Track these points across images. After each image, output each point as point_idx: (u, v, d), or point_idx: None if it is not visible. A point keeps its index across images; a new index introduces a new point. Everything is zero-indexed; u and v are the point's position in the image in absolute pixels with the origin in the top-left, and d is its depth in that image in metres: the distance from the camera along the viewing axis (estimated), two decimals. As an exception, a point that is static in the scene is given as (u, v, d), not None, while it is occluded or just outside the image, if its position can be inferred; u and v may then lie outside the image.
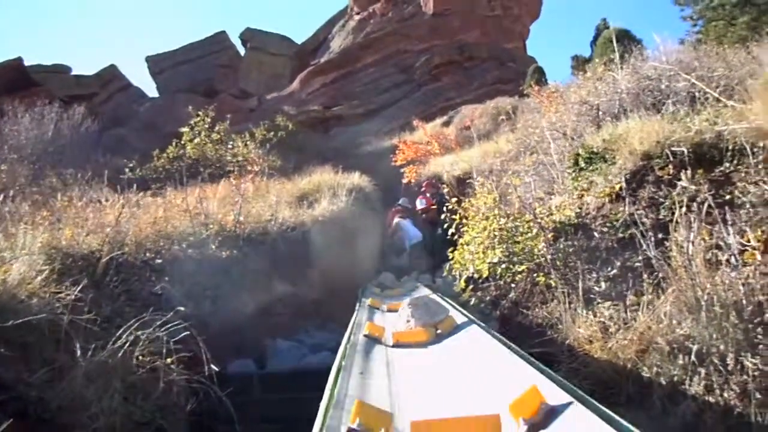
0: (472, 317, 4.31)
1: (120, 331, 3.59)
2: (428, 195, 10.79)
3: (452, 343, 3.80)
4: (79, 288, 4.06)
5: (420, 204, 10.86)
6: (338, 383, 2.77)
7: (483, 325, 4.01)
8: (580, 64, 18.75)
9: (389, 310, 5.35)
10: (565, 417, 2.14)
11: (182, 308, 3.95)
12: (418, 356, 3.63)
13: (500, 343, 3.34)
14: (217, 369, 3.69)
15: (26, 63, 30.74)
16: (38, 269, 4.15)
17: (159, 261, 5.67)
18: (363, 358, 3.43)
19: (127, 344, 3.55)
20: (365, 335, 3.98)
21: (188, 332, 3.78)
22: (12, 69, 29.20)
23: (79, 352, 3.39)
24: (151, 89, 40.46)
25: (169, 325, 3.72)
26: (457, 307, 4.90)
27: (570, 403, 2.18)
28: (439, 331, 4.03)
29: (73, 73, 35.66)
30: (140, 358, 3.57)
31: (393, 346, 3.84)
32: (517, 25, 34.25)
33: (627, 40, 11.64)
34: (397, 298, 5.52)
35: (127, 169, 9.77)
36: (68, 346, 3.45)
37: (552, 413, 2.18)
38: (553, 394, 2.31)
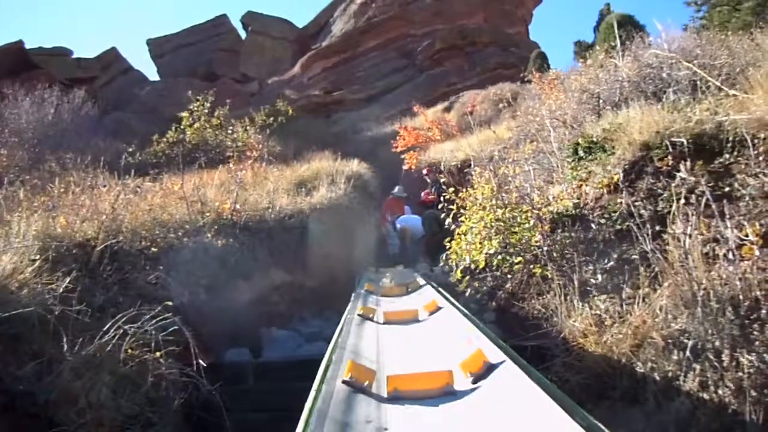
0: (428, 281, 6.18)
1: (108, 325, 3.55)
2: (428, 188, 10.94)
3: (415, 294, 5.79)
4: (72, 278, 4.04)
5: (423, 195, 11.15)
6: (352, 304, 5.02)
7: (435, 285, 5.81)
8: (583, 49, 18.65)
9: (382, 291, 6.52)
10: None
11: (170, 302, 3.90)
12: (394, 301, 5.63)
13: (438, 293, 5.19)
14: (205, 364, 3.66)
15: (27, 46, 30.58)
16: (31, 258, 4.12)
17: (154, 249, 5.63)
18: (363, 300, 5.31)
19: (116, 338, 3.52)
20: (365, 290, 5.92)
21: (180, 324, 3.75)
22: (13, 52, 29.02)
23: (66, 346, 3.36)
24: (152, 73, 40.27)
25: (159, 318, 3.69)
26: (420, 276, 6.81)
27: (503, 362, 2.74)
28: (409, 289, 6.12)
29: (74, 56, 35.36)
30: (129, 351, 3.54)
31: (381, 296, 5.85)
32: (520, 10, 33.97)
33: (630, 26, 11.56)
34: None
35: (126, 154, 9.73)
36: (58, 338, 3.42)
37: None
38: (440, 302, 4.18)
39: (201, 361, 3.62)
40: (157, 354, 3.63)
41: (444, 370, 2.74)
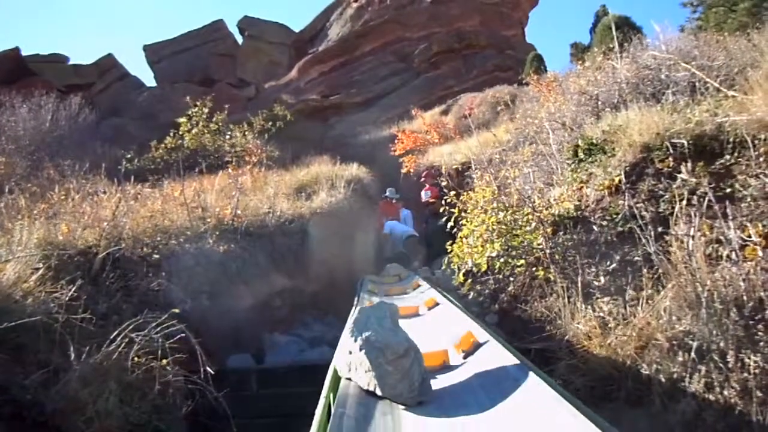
0: (413, 273, 8.09)
1: (115, 333, 3.55)
2: (431, 186, 10.99)
3: (405, 281, 7.57)
4: (75, 286, 4.03)
5: (425, 196, 11.48)
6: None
7: (419, 275, 7.55)
8: (579, 51, 18.64)
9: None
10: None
11: (176, 310, 3.90)
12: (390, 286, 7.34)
13: (424, 280, 6.72)
14: (213, 372, 3.64)
15: (23, 53, 30.50)
16: (34, 267, 4.11)
17: (156, 256, 5.63)
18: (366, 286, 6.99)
19: (122, 346, 3.51)
20: (369, 279, 7.70)
21: (185, 332, 3.74)
22: (9, 59, 28.92)
23: (73, 355, 3.35)
24: (148, 78, 40.16)
25: (165, 326, 3.68)
26: (410, 270, 8.57)
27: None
28: (400, 278, 8.01)
29: (71, 62, 35.25)
30: (136, 359, 3.54)
31: (382, 284, 7.48)
32: (516, 12, 33.94)
33: (627, 27, 11.55)
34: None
35: (124, 160, 9.70)
36: (63, 347, 3.42)
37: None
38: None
39: (208, 368, 3.61)
40: (164, 361, 3.63)
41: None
